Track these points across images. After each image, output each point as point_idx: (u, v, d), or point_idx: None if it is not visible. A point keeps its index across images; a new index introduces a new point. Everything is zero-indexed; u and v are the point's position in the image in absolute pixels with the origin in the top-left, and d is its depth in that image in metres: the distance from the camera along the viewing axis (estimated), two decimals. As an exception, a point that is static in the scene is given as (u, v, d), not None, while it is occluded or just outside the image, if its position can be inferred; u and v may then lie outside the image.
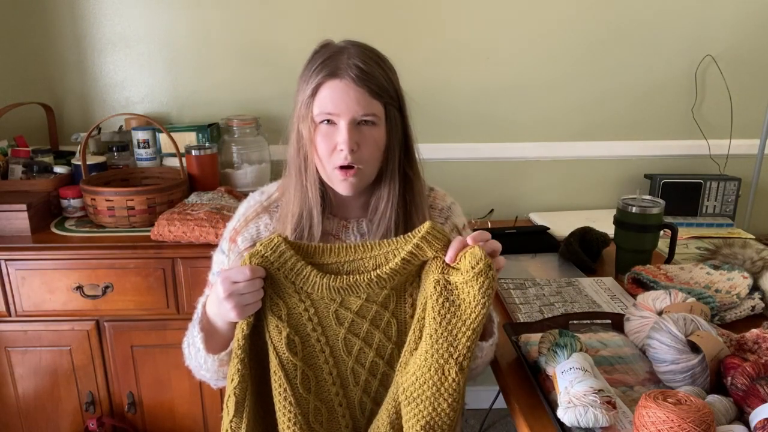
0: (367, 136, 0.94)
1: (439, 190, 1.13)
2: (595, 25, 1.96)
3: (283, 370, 0.88)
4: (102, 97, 2.00)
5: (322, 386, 0.92)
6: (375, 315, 0.90)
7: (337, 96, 0.92)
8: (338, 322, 0.90)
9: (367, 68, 0.91)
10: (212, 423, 1.70)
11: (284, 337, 0.87)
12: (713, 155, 2.06)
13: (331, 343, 0.91)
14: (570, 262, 1.58)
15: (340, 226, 1.05)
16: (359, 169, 0.96)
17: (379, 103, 0.94)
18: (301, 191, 0.99)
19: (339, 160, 0.94)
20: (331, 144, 0.94)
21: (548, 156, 2.07)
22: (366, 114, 0.93)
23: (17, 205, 1.57)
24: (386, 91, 0.94)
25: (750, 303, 1.24)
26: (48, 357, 1.62)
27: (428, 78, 1.98)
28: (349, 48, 0.94)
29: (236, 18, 1.93)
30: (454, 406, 0.85)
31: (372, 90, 0.92)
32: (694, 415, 0.74)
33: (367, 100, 0.92)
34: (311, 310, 0.89)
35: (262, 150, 1.92)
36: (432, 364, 0.85)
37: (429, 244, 0.87)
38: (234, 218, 1.09)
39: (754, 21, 1.97)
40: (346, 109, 0.92)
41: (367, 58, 0.93)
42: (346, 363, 0.92)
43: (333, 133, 0.94)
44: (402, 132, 1.00)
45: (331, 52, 0.94)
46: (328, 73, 0.92)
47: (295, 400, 0.88)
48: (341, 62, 0.92)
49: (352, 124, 0.93)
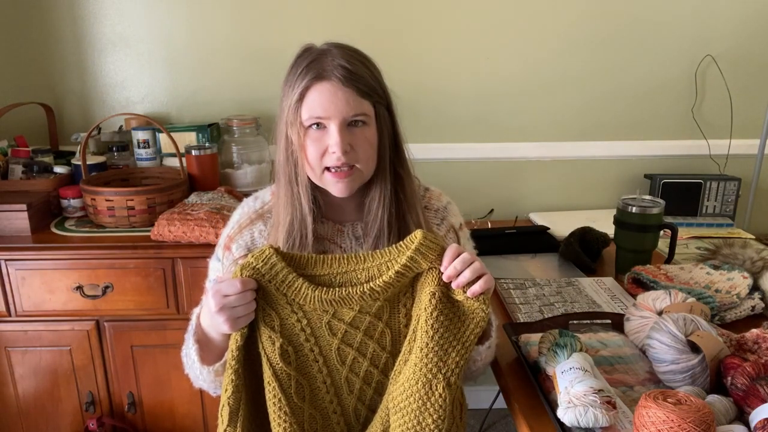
0: (359, 137, 0.93)
1: (435, 190, 1.12)
2: (595, 26, 1.96)
3: (277, 380, 0.88)
4: (102, 97, 2.00)
5: (316, 394, 0.91)
6: (369, 325, 0.90)
7: (326, 98, 0.91)
8: (331, 333, 0.89)
9: (353, 68, 0.91)
10: (212, 423, 1.70)
11: (277, 347, 0.87)
12: (713, 155, 2.06)
13: (324, 353, 0.90)
14: (570, 262, 1.58)
15: (335, 230, 1.04)
16: (356, 169, 0.95)
17: (368, 102, 0.93)
18: (292, 199, 0.98)
19: (330, 162, 0.93)
20: (321, 147, 0.93)
21: (548, 156, 2.07)
22: (356, 114, 0.92)
23: (17, 205, 1.57)
24: (374, 90, 0.94)
25: (750, 303, 1.24)
26: (48, 357, 1.62)
27: (428, 78, 1.98)
28: (332, 49, 0.93)
29: (236, 18, 1.93)
30: (438, 423, 0.85)
31: (360, 89, 0.91)
32: (694, 415, 0.74)
33: (357, 99, 0.91)
34: (304, 321, 0.89)
35: (262, 150, 1.92)
36: (420, 378, 0.84)
37: (423, 256, 0.86)
38: (228, 225, 1.08)
39: (754, 21, 1.97)
40: (336, 111, 0.91)
41: (351, 58, 0.92)
42: (340, 372, 0.92)
43: (323, 137, 0.93)
44: (391, 131, 0.99)
45: (315, 55, 0.93)
46: (314, 76, 0.91)
47: (290, 410, 0.88)
48: (326, 64, 0.91)
49: (343, 125, 0.92)
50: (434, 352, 0.84)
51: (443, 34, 1.95)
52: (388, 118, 0.98)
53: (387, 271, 0.87)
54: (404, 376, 0.86)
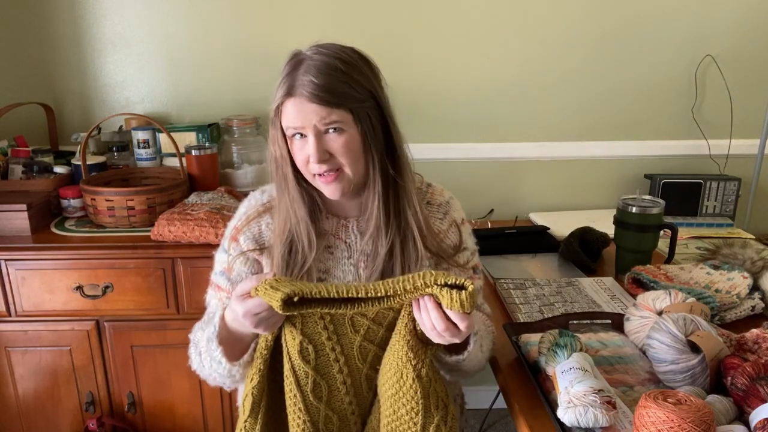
0: (335, 143, 0.94)
1: (437, 186, 1.13)
2: (595, 25, 1.96)
3: (294, 375, 0.88)
4: (102, 97, 2.00)
5: (335, 395, 0.91)
6: (391, 321, 0.89)
7: (296, 112, 0.92)
8: (354, 330, 0.89)
9: (321, 80, 0.90)
10: (212, 423, 1.70)
11: (297, 343, 0.87)
12: (713, 155, 2.06)
13: (345, 351, 0.90)
14: (570, 262, 1.58)
15: (339, 225, 1.06)
16: (342, 172, 0.96)
17: (341, 110, 0.92)
18: (285, 208, 1.00)
19: (314, 170, 0.96)
20: (304, 155, 0.95)
21: (548, 156, 2.07)
22: (328, 124, 0.92)
23: (17, 205, 1.57)
24: (348, 97, 0.93)
25: (750, 303, 1.24)
26: (48, 357, 1.62)
27: (428, 78, 1.98)
28: (308, 60, 0.93)
29: (236, 18, 1.93)
30: (412, 416, 0.85)
31: (328, 102, 0.91)
32: (694, 415, 0.74)
33: (325, 111, 0.91)
34: (327, 318, 0.88)
35: (262, 150, 1.92)
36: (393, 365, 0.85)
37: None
38: (235, 217, 1.09)
39: (754, 21, 1.97)
40: (307, 123, 0.92)
41: (324, 67, 0.91)
42: (360, 370, 0.91)
43: (305, 145, 0.94)
44: (381, 129, 0.98)
45: (291, 67, 0.94)
46: (285, 92, 0.93)
47: (305, 407, 0.88)
48: (296, 79, 0.92)
49: (318, 135, 0.93)
50: (405, 340, 0.84)
51: (443, 34, 1.95)
52: (377, 118, 0.97)
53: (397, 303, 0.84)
54: (385, 360, 0.87)
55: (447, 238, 1.08)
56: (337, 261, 1.04)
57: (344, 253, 1.04)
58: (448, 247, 1.06)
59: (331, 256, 1.04)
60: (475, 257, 1.12)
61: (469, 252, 1.10)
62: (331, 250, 1.04)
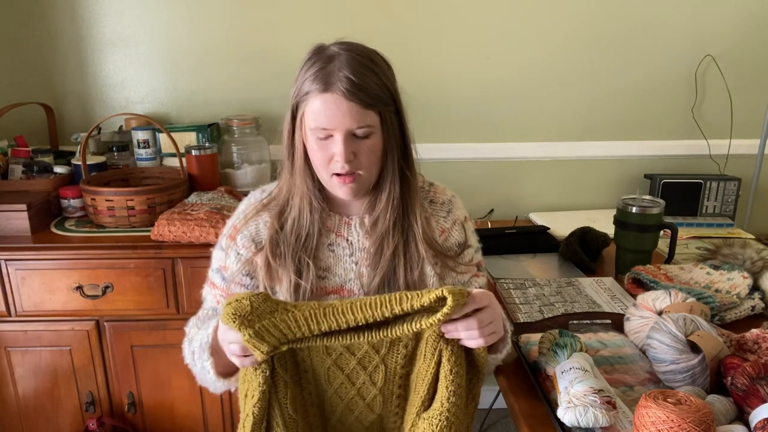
0: (363, 146, 0.94)
1: (439, 185, 1.14)
2: (595, 25, 1.96)
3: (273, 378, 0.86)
4: (102, 97, 2.00)
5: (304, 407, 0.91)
6: (364, 355, 0.88)
7: (330, 110, 0.91)
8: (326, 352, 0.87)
9: (359, 79, 0.90)
10: (212, 423, 1.70)
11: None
12: (713, 155, 2.06)
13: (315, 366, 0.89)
14: (570, 262, 1.58)
15: (342, 222, 1.06)
16: (359, 175, 0.96)
17: (373, 111, 0.93)
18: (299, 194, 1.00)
19: (336, 169, 0.95)
20: (327, 154, 0.94)
21: (548, 156, 2.07)
22: (360, 126, 0.92)
23: (17, 205, 1.57)
24: (380, 99, 0.93)
25: (750, 303, 1.24)
26: (48, 357, 1.62)
27: (428, 78, 1.98)
28: (341, 55, 0.92)
29: (236, 18, 1.93)
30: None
31: (364, 102, 0.91)
32: (694, 415, 0.74)
33: (361, 112, 0.91)
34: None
35: (262, 150, 1.92)
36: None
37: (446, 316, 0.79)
38: (234, 215, 1.09)
39: (754, 21, 1.97)
40: (339, 123, 0.91)
41: (358, 65, 0.91)
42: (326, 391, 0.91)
43: (329, 144, 0.93)
44: (399, 133, 0.99)
45: (323, 62, 0.92)
46: (319, 87, 0.91)
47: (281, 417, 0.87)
48: (332, 75, 0.90)
49: (347, 136, 0.92)
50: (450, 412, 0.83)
51: (443, 34, 1.95)
52: (396, 122, 0.98)
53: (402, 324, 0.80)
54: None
55: (451, 237, 1.08)
56: (338, 258, 1.04)
57: (346, 251, 1.04)
58: (451, 246, 1.07)
59: (332, 254, 1.04)
60: (479, 254, 1.13)
61: (473, 249, 1.11)
62: (333, 247, 1.04)
